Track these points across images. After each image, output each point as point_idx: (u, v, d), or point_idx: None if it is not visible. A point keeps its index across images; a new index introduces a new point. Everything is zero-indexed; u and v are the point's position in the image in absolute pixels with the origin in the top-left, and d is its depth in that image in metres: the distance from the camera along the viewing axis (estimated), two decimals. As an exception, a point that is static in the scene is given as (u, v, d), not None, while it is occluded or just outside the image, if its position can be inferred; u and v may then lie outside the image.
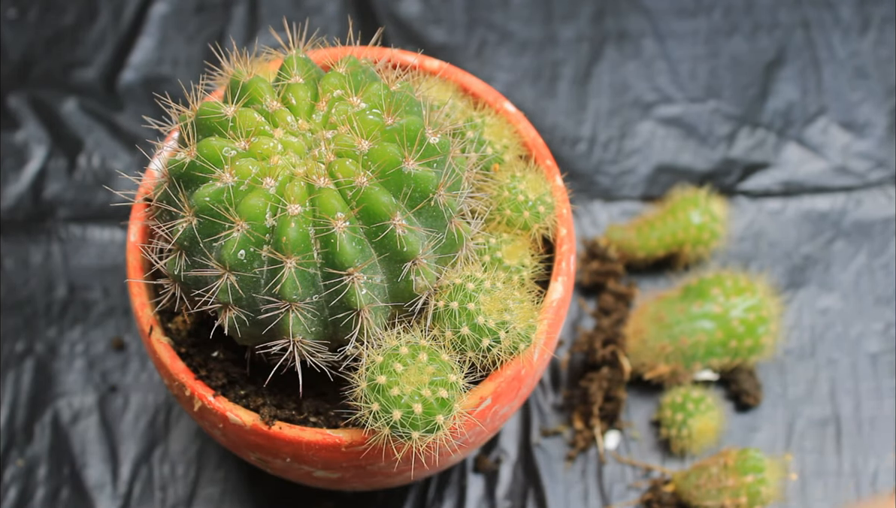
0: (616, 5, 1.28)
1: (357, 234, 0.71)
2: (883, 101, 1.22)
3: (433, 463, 0.85)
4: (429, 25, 1.27)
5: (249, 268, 0.71)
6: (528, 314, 0.78)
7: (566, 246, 0.86)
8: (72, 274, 1.12)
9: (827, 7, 1.28)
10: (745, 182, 1.18)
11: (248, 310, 0.73)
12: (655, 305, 1.05)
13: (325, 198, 0.71)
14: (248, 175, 0.71)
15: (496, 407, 0.81)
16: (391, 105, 0.74)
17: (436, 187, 0.73)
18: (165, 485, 1.03)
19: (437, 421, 0.73)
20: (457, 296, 0.77)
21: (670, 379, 1.04)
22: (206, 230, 0.71)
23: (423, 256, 0.74)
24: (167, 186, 0.74)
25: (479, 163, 0.84)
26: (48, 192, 1.17)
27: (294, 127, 0.75)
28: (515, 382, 0.81)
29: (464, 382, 0.75)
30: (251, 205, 0.70)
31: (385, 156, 0.72)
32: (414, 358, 0.74)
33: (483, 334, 0.76)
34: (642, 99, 1.23)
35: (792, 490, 1.02)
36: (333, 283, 0.72)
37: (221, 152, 0.72)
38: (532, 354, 0.79)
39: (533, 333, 0.78)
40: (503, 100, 0.91)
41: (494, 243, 0.83)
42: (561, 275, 0.84)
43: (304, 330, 0.74)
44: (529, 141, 0.90)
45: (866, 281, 1.12)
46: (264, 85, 0.75)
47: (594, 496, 1.03)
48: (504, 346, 0.77)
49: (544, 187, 0.85)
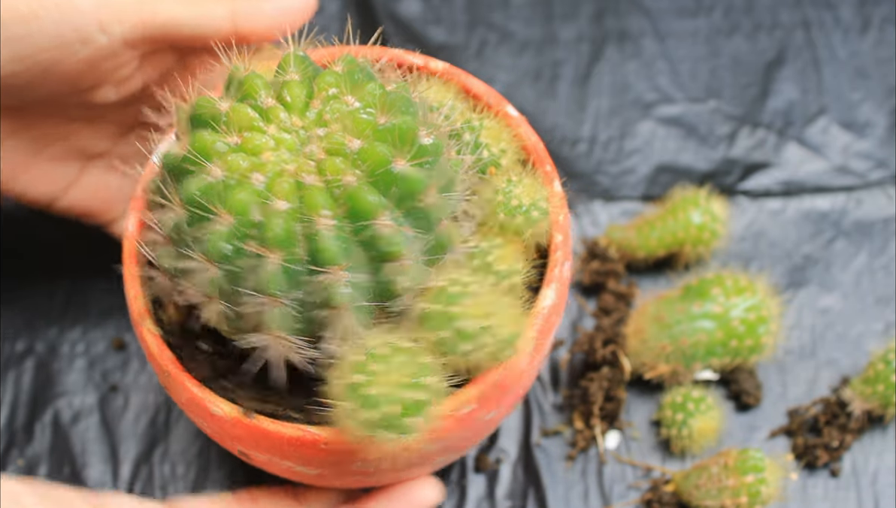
0: (616, 5, 1.28)
1: (342, 233, 0.72)
2: (883, 101, 1.22)
3: (412, 466, 0.84)
4: (429, 25, 1.27)
5: (234, 262, 0.71)
6: (514, 320, 0.77)
7: (560, 252, 0.84)
8: (72, 274, 1.12)
9: (827, 7, 1.28)
10: (745, 182, 1.18)
11: (232, 304, 0.73)
12: (656, 305, 1.05)
13: (312, 195, 0.71)
14: (238, 169, 0.72)
15: (480, 413, 0.80)
16: (386, 105, 0.74)
17: (425, 188, 0.73)
18: (166, 485, 1.03)
19: (412, 424, 0.72)
20: (440, 299, 0.75)
21: (670, 379, 1.05)
22: (193, 222, 0.72)
23: (409, 257, 0.74)
24: (160, 180, 0.75)
25: (475, 165, 0.84)
26: (48, 192, 1.17)
27: (287, 124, 0.75)
28: (500, 388, 0.80)
29: (444, 386, 0.74)
30: (238, 199, 0.71)
31: (374, 155, 0.72)
32: (393, 359, 0.73)
33: (465, 338, 0.75)
34: (642, 99, 1.23)
35: (792, 490, 1.02)
36: (316, 280, 0.72)
37: (213, 147, 0.72)
38: (518, 361, 0.78)
39: (518, 340, 0.77)
40: (505, 103, 0.91)
41: (486, 247, 0.81)
42: (553, 282, 0.83)
43: (286, 325, 0.74)
44: (530, 145, 0.89)
45: (867, 281, 1.13)
46: (260, 81, 0.76)
47: (594, 496, 1.03)
48: (487, 351, 0.76)
49: (540, 192, 0.84)
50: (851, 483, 1.03)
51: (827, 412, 1.05)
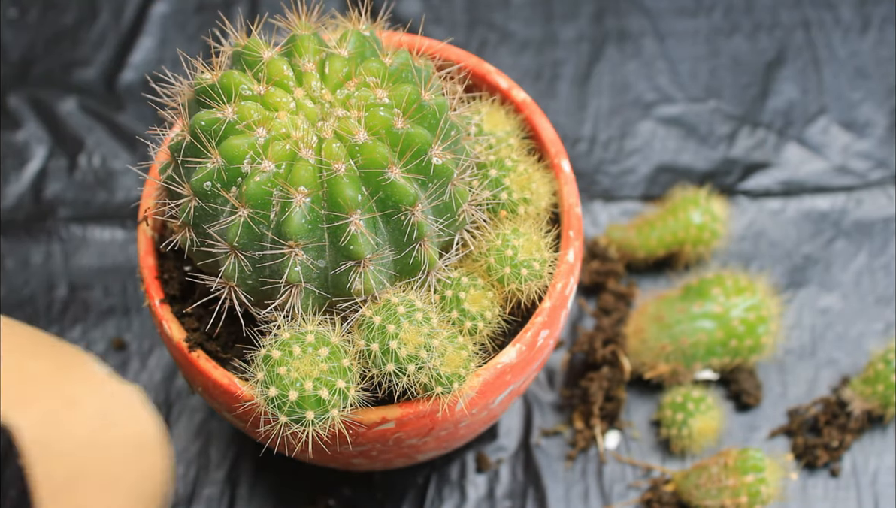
0: (616, 5, 1.28)
1: (314, 213, 0.72)
2: (883, 101, 1.22)
3: (310, 453, 0.83)
4: (429, 25, 1.27)
5: (209, 202, 0.73)
6: (458, 361, 0.76)
7: (542, 318, 0.82)
8: (72, 274, 1.13)
9: (827, 7, 1.28)
10: (745, 182, 1.18)
11: (200, 238, 0.75)
12: (656, 305, 1.05)
13: (299, 168, 0.72)
14: (247, 118, 0.73)
15: (401, 434, 0.80)
16: (412, 111, 0.74)
17: (412, 204, 0.73)
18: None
19: (306, 416, 0.73)
20: (383, 313, 0.75)
21: (670, 379, 1.04)
22: (191, 152, 0.74)
23: (371, 262, 0.74)
24: (187, 101, 0.77)
25: (487, 203, 0.83)
26: (49, 192, 1.17)
27: (317, 93, 0.76)
28: (428, 420, 0.79)
29: (357, 393, 0.75)
30: (232, 145, 0.73)
31: (372, 154, 0.73)
32: (315, 349, 0.74)
33: (389, 359, 0.75)
34: (642, 98, 1.23)
35: (792, 490, 1.02)
36: (275, 249, 0.73)
37: (238, 86, 0.74)
38: (455, 402, 0.77)
39: (458, 383, 0.76)
40: (563, 156, 0.89)
41: (465, 283, 0.80)
42: (520, 344, 0.81)
43: (242, 280, 0.75)
44: (565, 206, 0.87)
45: (866, 281, 1.13)
46: (311, 44, 0.77)
47: (594, 495, 1.03)
48: (412, 380, 0.75)
49: (540, 253, 0.82)
50: (851, 483, 1.03)
51: (827, 412, 1.05)
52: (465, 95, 0.87)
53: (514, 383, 0.83)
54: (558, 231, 0.87)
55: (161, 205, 0.79)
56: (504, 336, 0.83)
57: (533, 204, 0.85)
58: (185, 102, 0.78)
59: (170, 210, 0.77)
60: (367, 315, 0.76)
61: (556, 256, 0.84)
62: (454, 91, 0.85)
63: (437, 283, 0.80)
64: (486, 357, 0.81)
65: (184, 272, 0.85)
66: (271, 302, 0.76)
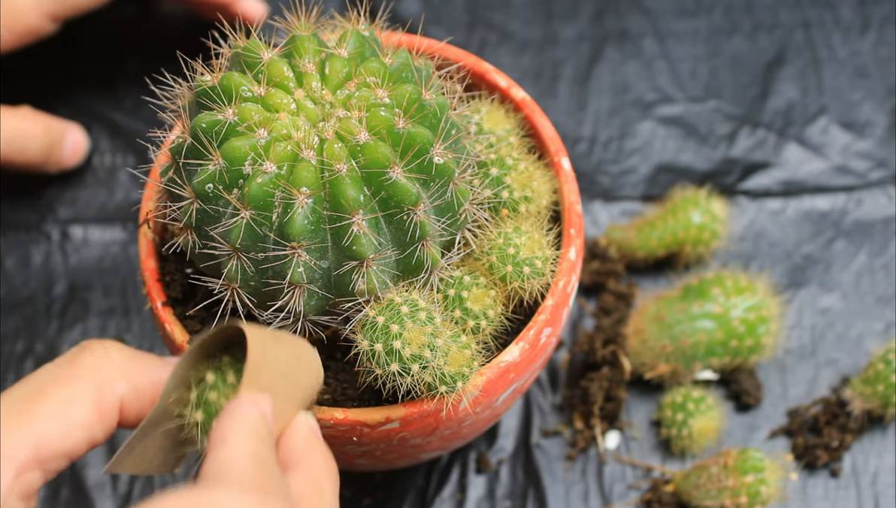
0: (616, 5, 1.28)
1: (316, 214, 0.73)
2: (883, 101, 1.22)
3: None
4: (428, 25, 1.27)
5: (211, 204, 0.73)
6: (462, 360, 0.76)
7: (545, 316, 0.82)
8: (72, 274, 1.12)
9: (827, 7, 1.28)
10: (745, 182, 1.18)
11: (202, 240, 0.75)
12: (656, 305, 1.05)
13: (301, 169, 0.72)
14: (248, 119, 0.73)
15: (405, 434, 0.80)
16: (413, 111, 0.74)
17: (414, 203, 0.73)
18: (165, 485, 1.03)
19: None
20: (386, 313, 0.76)
21: (670, 379, 1.05)
22: (192, 155, 0.74)
23: (374, 262, 0.74)
24: (187, 105, 0.77)
25: (489, 201, 0.83)
26: (48, 192, 1.17)
27: (317, 94, 0.76)
28: (432, 419, 0.79)
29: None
30: (233, 146, 0.72)
31: (373, 154, 0.73)
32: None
33: (393, 359, 0.75)
34: (642, 99, 1.23)
35: (792, 490, 1.02)
36: (278, 251, 0.73)
37: (238, 88, 0.74)
38: (459, 401, 0.77)
39: (462, 382, 0.76)
40: (563, 154, 0.89)
41: (467, 282, 0.80)
42: (523, 342, 0.81)
43: (244, 282, 0.76)
44: (566, 204, 0.87)
45: (867, 281, 1.13)
46: (311, 45, 0.77)
47: (594, 496, 1.03)
48: (416, 380, 0.75)
49: (542, 251, 0.82)
50: (851, 483, 1.03)
51: (827, 412, 1.05)
52: (464, 94, 0.87)
53: (518, 381, 0.83)
54: (559, 229, 0.87)
55: (162, 208, 0.79)
56: (507, 334, 0.83)
57: (534, 202, 0.85)
58: (185, 104, 0.78)
59: (171, 212, 0.77)
60: (371, 315, 0.76)
61: (557, 254, 0.84)
62: (454, 90, 0.85)
63: (440, 282, 0.80)
64: (489, 355, 0.81)
65: (185, 274, 0.85)
66: (274, 304, 0.76)
